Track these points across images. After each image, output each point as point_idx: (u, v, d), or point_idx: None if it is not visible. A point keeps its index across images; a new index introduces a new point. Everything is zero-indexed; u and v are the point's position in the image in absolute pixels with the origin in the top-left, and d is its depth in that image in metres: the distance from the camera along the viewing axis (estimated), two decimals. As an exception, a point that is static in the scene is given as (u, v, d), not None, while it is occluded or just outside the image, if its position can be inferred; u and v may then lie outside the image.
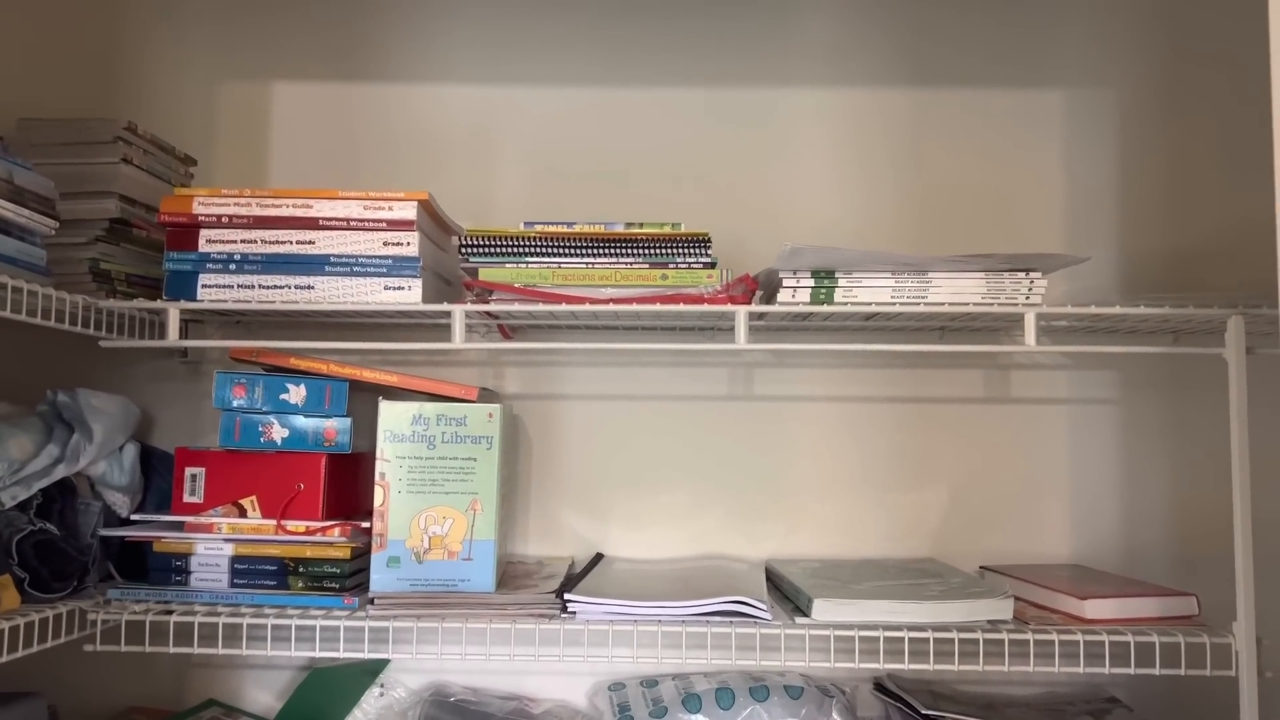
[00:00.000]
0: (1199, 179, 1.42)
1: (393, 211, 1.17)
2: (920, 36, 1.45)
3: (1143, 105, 1.43)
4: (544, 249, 1.18)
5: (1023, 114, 1.44)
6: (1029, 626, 1.11)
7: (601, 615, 1.12)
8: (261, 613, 1.14)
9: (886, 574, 1.26)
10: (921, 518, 1.40)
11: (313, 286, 1.16)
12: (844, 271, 1.13)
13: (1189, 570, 1.37)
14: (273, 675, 1.40)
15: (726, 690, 1.24)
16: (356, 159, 1.45)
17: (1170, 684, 1.34)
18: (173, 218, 1.17)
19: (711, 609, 1.11)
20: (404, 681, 1.37)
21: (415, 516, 1.16)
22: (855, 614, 1.10)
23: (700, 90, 1.45)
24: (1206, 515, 1.38)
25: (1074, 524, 1.39)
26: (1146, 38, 1.44)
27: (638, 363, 1.43)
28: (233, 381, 1.19)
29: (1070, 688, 1.35)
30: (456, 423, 1.17)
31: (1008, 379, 1.41)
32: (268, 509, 1.19)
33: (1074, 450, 1.40)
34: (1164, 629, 1.11)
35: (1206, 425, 1.39)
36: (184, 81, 1.46)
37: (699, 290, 1.17)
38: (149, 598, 1.16)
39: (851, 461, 1.41)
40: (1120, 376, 1.41)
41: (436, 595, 1.14)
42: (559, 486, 1.42)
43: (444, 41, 1.46)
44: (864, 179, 1.44)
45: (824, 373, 1.42)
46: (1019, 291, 1.13)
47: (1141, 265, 1.42)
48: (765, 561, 1.38)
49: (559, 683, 1.38)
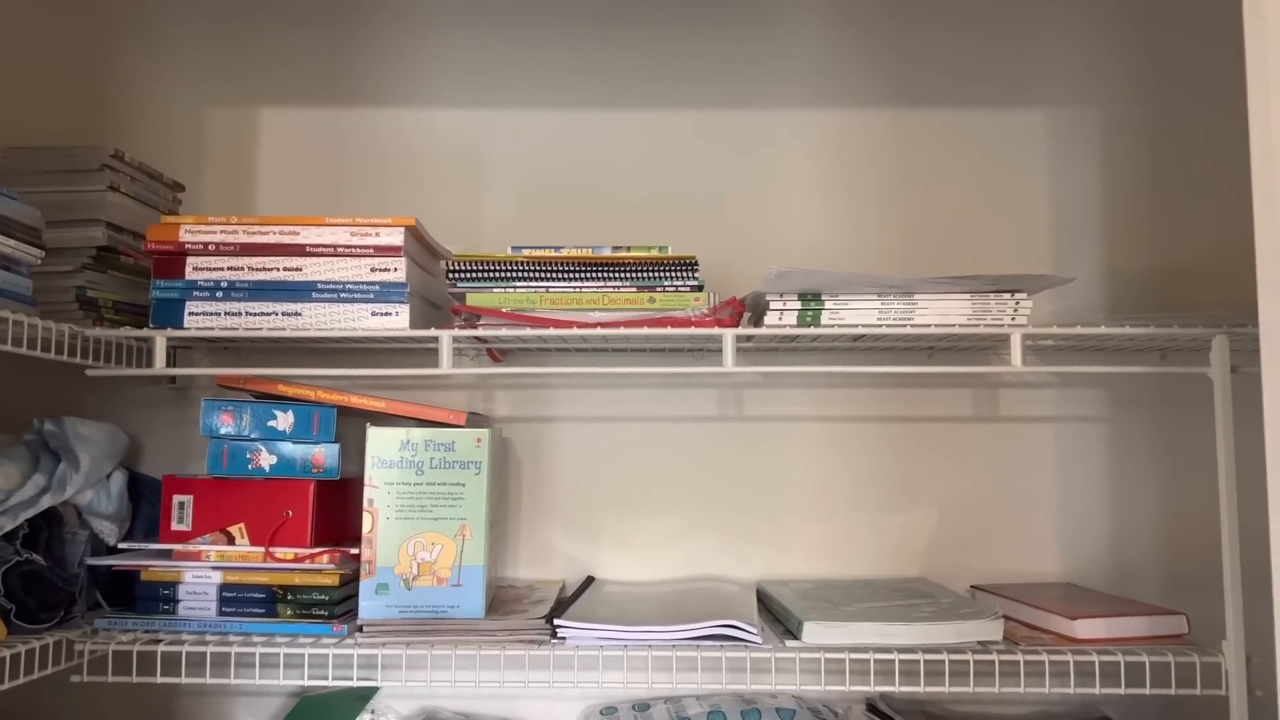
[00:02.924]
0: (1183, 197, 1.43)
1: (379, 238, 1.17)
2: (903, 58, 1.46)
3: (1126, 123, 1.44)
4: (531, 273, 1.18)
5: (1006, 133, 1.45)
6: (1019, 647, 1.11)
7: (591, 640, 1.11)
8: (249, 641, 1.14)
9: (877, 594, 1.26)
10: (912, 537, 1.40)
11: (300, 313, 1.16)
12: (830, 294, 1.14)
13: (1178, 587, 1.37)
14: (264, 703, 1.39)
15: (719, 713, 1.23)
16: (344, 184, 1.45)
17: (1162, 702, 1.34)
18: (159, 245, 1.17)
19: (702, 633, 1.11)
20: (395, 708, 1.36)
21: (404, 543, 1.15)
22: (845, 636, 1.10)
23: (686, 113, 1.46)
24: (1195, 532, 1.38)
25: (1063, 542, 1.39)
26: (1129, 56, 1.45)
27: (627, 385, 1.43)
28: (220, 409, 1.19)
29: (1063, 706, 1.35)
30: (445, 448, 1.17)
31: (996, 398, 1.42)
32: (256, 536, 1.19)
33: (1062, 468, 1.40)
34: (1154, 648, 1.11)
35: (1194, 443, 1.39)
36: (171, 107, 1.46)
37: (686, 313, 1.17)
38: (136, 627, 1.16)
39: (842, 481, 1.41)
40: (1108, 395, 1.41)
41: (426, 622, 1.14)
42: (550, 509, 1.41)
43: (431, 66, 1.47)
44: (849, 200, 1.45)
45: (813, 393, 1.42)
46: (1005, 312, 1.14)
47: (1127, 283, 1.42)
48: (756, 583, 1.37)
49: (551, 707, 1.38)
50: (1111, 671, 1.10)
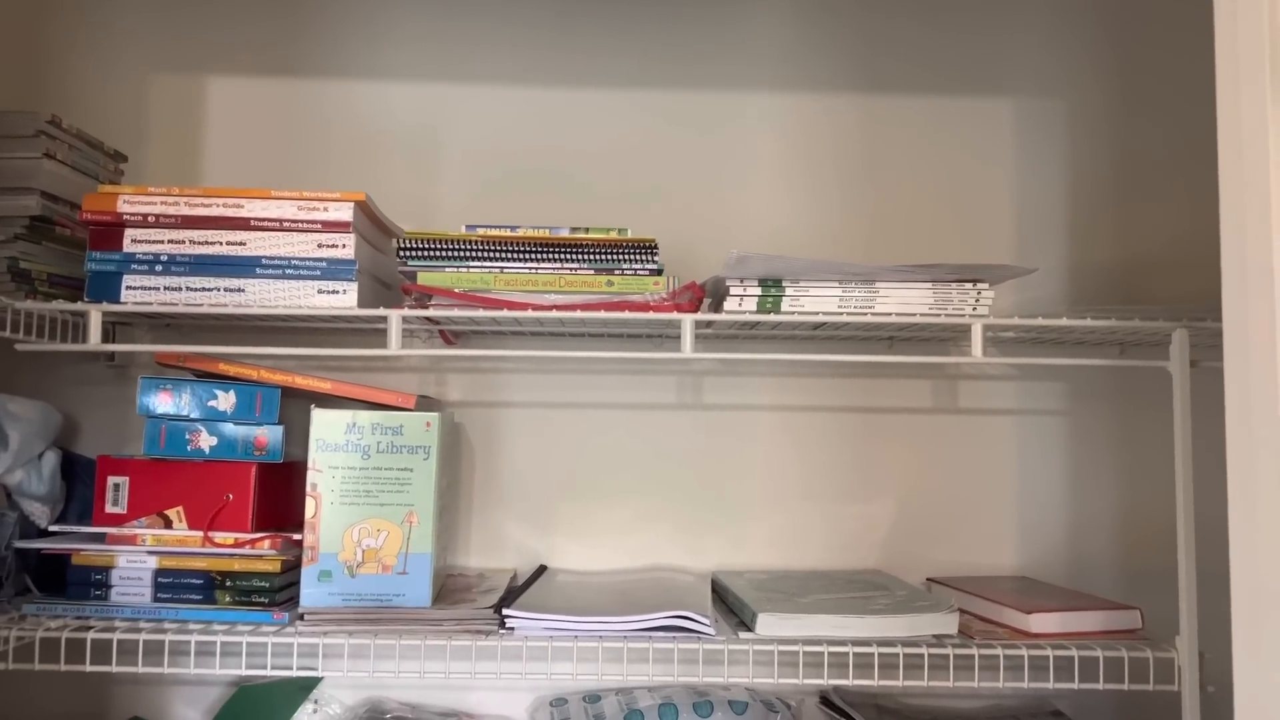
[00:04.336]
0: (1145, 191, 1.42)
1: (328, 213, 1.13)
2: (871, 44, 1.44)
3: (1091, 117, 1.43)
4: (486, 253, 1.14)
5: (974, 123, 1.43)
6: (974, 641, 1.10)
7: (540, 630, 1.08)
8: (185, 628, 1.10)
9: (833, 586, 1.24)
10: (868, 529, 1.39)
11: (243, 289, 1.12)
12: (791, 280, 1.11)
13: (1133, 581, 1.37)
14: (200, 692, 1.34)
15: (670, 706, 1.21)
16: (294, 158, 1.41)
17: (1115, 698, 1.33)
18: (96, 216, 1.12)
19: (654, 624, 1.08)
20: (339, 698, 1.33)
21: (348, 529, 1.12)
22: (799, 629, 1.08)
23: (650, 93, 1.43)
24: (1151, 526, 1.38)
25: (1020, 535, 1.39)
26: (1096, 51, 1.44)
27: (584, 370, 1.40)
28: (158, 387, 1.14)
29: (1015, 700, 1.35)
30: (393, 432, 1.13)
31: (955, 390, 1.40)
32: (194, 520, 1.14)
33: (1021, 461, 1.40)
34: (1108, 643, 1.10)
35: (1152, 437, 1.39)
36: (113, 74, 1.40)
37: (644, 298, 1.14)
38: (66, 613, 1.11)
39: (799, 472, 1.39)
40: (1067, 388, 1.40)
41: (370, 610, 1.10)
42: (502, 496, 1.38)
43: (388, 37, 1.42)
44: (814, 186, 1.42)
45: (773, 382, 1.40)
46: (966, 302, 1.12)
47: (1089, 276, 1.42)
48: (712, 573, 1.35)
49: (499, 698, 1.35)
50: (1065, 666, 1.09)
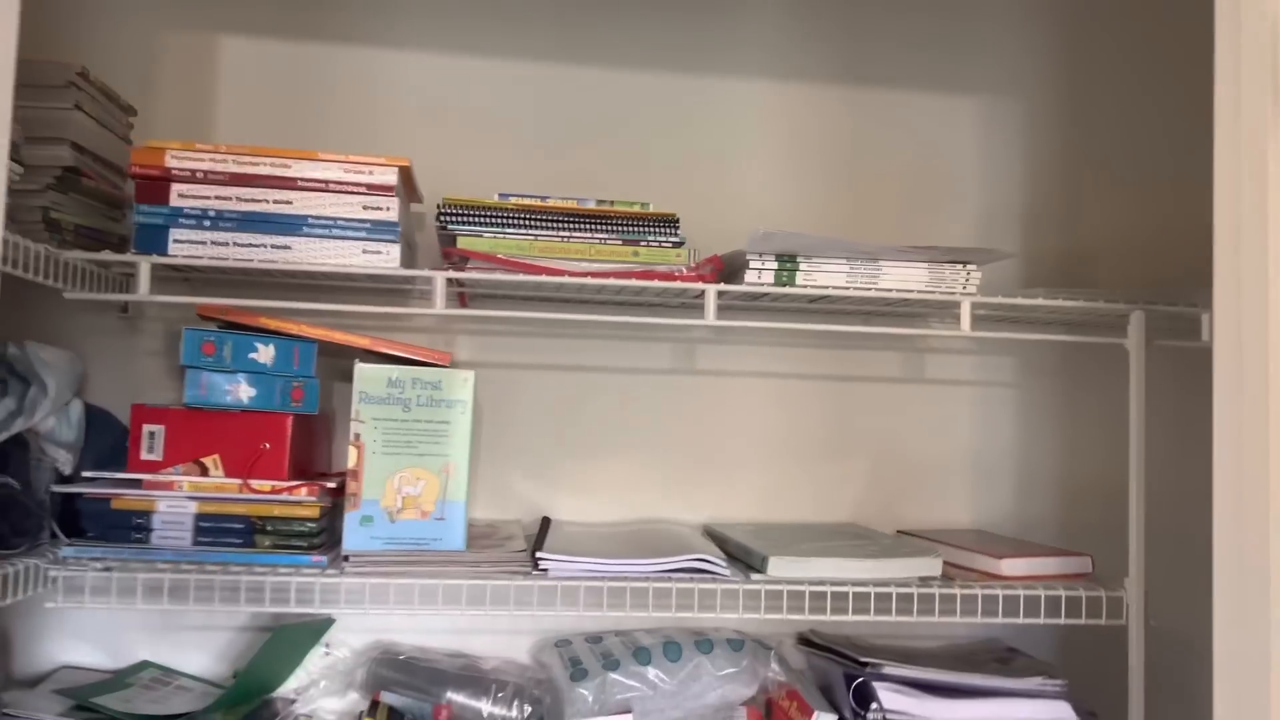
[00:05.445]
0: (1095, 185, 1.59)
1: (373, 176, 1.18)
2: (854, 39, 1.56)
3: (1047, 115, 1.59)
4: (520, 221, 1.22)
5: (943, 118, 1.57)
6: (955, 582, 1.24)
7: (575, 572, 1.17)
8: (229, 570, 1.15)
9: (819, 536, 1.37)
10: (843, 486, 1.52)
11: (290, 247, 1.17)
12: (805, 256, 1.22)
13: (1073, 535, 1.54)
14: (206, 637, 1.38)
15: (674, 644, 1.32)
16: (307, 121, 1.44)
17: (1059, 635, 1.50)
18: (144, 170, 1.15)
19: (676, 566, 1.19)
20: (348, 643, 1.39)
21: (390, 477, 1.18)
22: (806, 570, 1.20)
23: (650, 75, 1.51)
24: (1090, 486, 1.55)
25: (975, 494, 1.54)
26: (1053, 55, 1.59)
27: (584, 335, 1.48)
28: (203, 338, 1.18)
29: (968, 641, 1.50)
30: (431, 386, 1.20)
31: (923, 362, 1.54)
32: (231, 468, 1.19)
33: (977, 428, 1.55)
34: (1069, 584, 1.26)
35: (1092, 409, 1.56)
36: (124, 27, 1.41)
37: (669, 268, 1.23)
38: (106, 555, 1.14)
39: (782, 434, 1.51)
40: (1018, 362, 1.56)
41: (410, 554, 1.17)
42: (507, 452, 1.46)
43: (400, 4, 1.47)
44: (799, 169, 1.54)
45: (760, 350, 1.51)
46: (957, 281, 1.25)
47: (1039, 261, 1.57)
48: (703, 525, 1.46)
49: (501, 641, 1.43)
50: (1033, 604, 1.24)
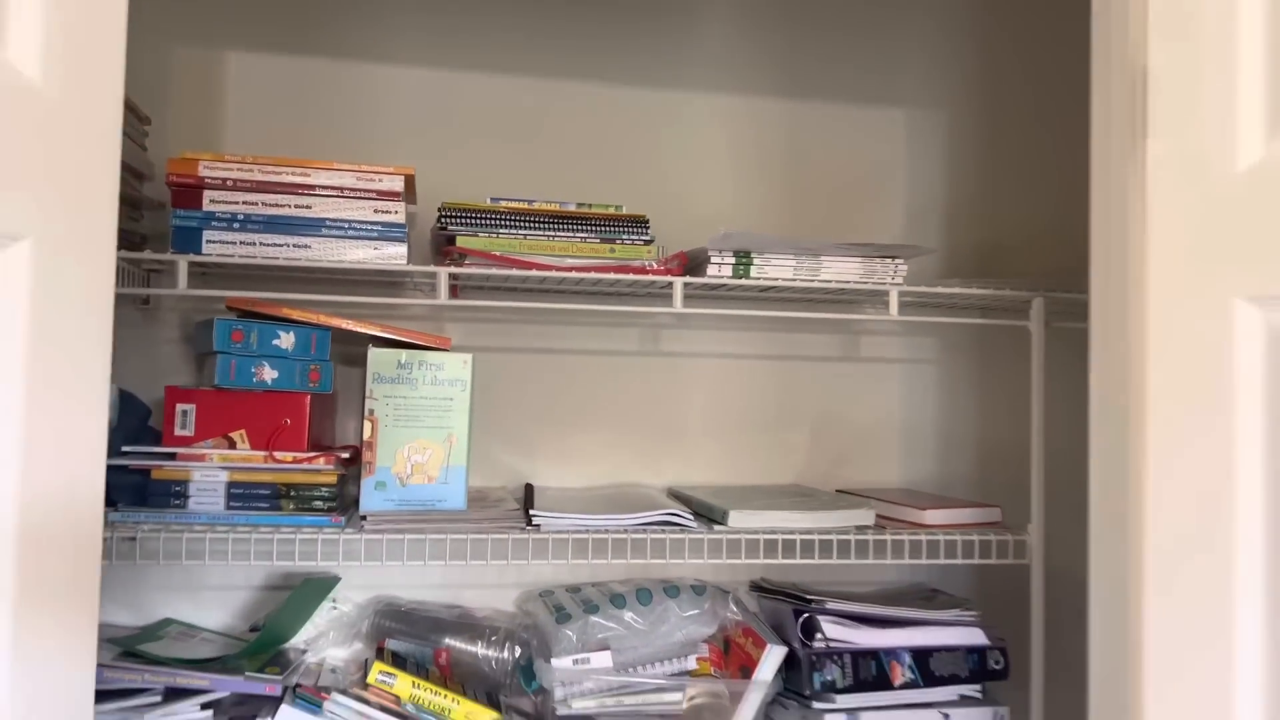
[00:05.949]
0: (1005, 186, 1.81)
1: (382, 183, 1.34)
2: (795, 55, 1.75)
3: (965, 124, 1.81)
4: (510, 222, 1.39)
5: (873, 127, 1.78)
6: (886, 530, 1.45)
7: (565, 527, 1.36)
8: (259, 530, 1.30)
9: (770, 495, 1.57)
10: (789, 453, 1.73)
11: (309, 246, 1.33)
12: (758, 252, 1.42)
13: (986, 490, 1.77)
14: (224, 595, 1.54)
15: (645, 590, 1.51)
16: (308, 130, 1.59)
17: (974, 575, 1.73)
18: (180, 178, 1.29)
19: (651, 520, 1.38)
20: (352, 598, 1.55)
21: (400, 447, 1.35)
22: (761, 521, 1.40)
23: (622, 89, 1.69)
24: (1000, 448, 1.78)
25: (903, 457, 1.76)
26: (969, 71, 1.81)
27: (561, 321, 1.66)
28: (232, 327, 1.33)
29: (897, 584, 1.73)
30: (435, 368, 1.37)
31: (857, 343, 1.76)
32: (256, 441, 1.34)
33: (904, 399, 1.77)
34: (982, 531, 1.48)
35: (1003, 382, 1.79)
36: (140, 43, 1.54)
37: (642, 263, 1.42)
38: (150, 519, 1.29)
39: (735, 407, 1.71)
40: (939, 342, 1.78)
41: (420, 514, 1.34)
42: (491, 426, 1.63)
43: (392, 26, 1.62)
44: (744, 174, 1.73)
45: (715, 334, 1.71)
46: (887, 273, 1.46)
47: (957, 254, 1.80)
48: (667, 488, 1.66)
49: (489, 594, 1.61)
50: (952, 548, 1.46)
